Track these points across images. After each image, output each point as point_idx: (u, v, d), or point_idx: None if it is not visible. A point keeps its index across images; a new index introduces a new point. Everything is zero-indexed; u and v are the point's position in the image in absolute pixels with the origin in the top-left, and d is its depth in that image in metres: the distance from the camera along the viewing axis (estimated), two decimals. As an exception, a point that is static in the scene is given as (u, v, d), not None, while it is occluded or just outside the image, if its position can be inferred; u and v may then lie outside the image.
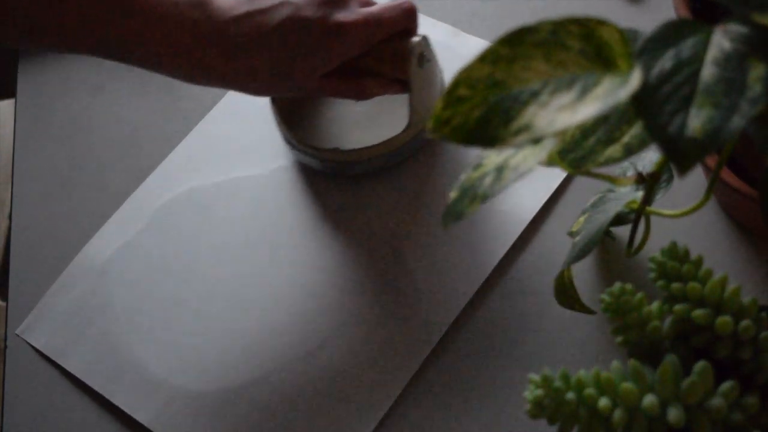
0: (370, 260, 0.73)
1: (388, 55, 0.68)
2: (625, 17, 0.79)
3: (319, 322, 0.71)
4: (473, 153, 0.75)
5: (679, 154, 0.39)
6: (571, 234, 0.65)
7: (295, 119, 0.76)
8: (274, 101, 0.75)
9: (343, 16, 0.65)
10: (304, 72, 0.65)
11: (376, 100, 0.76)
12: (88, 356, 0.72)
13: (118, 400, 0.70)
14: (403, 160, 0.75)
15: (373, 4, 0.69)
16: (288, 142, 0.75)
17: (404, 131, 0.72)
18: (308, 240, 0.74)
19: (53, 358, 0.72)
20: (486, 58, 0.42)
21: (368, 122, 0.76)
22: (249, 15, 0.64)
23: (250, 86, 0.66)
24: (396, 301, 0.70)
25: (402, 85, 0.70)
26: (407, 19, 0.68)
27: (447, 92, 0.42)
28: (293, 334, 0.70)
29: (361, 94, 0.69)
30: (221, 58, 0.64)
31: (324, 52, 0.65)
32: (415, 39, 0.68)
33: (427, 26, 0.83)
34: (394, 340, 0.69)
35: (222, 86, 0.66)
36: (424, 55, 0.69)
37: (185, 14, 0.62)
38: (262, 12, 0.64)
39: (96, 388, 0.71)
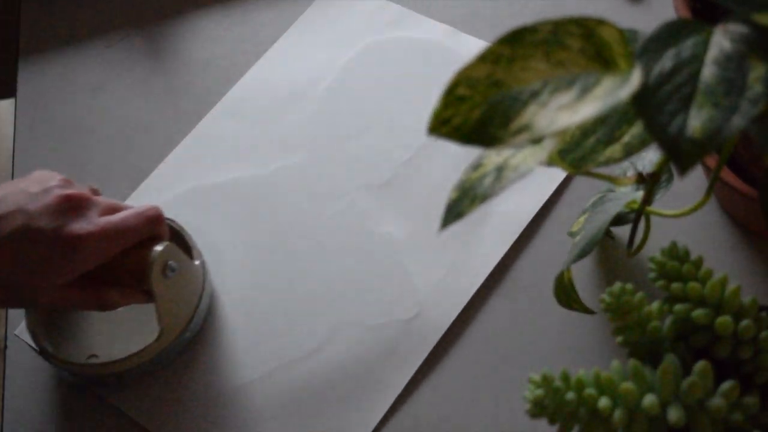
0: (371, 261, 0.73)
1: (131, 265, 0.65)
2: (625, 17, 0.79)
3: (319, 323, 0.70)
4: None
5: (680, 154, 0.39)
6: (571, 234, 0.65)
7: (52, 328, 0.71)
8: (27, 311, 0.70)
9: (78, 227, 0.62)
10: (37, 285, 0.62)
11: (137, 306, 0.70)
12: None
13: (117, 401, 0.70)
14: (164, 368, 0.70)
15: (121, 208, 0.66)
16: (43, 355, 0.70)
17: (156, 341, 0.68)
18: (307, 241, 0.74)
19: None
20: (486, 57, 0.42)
21: (126, 329, 0.71)
22: None
23: None
24: (396, 301, 0.70)
25: (147, 294, 0.67)
26: (151, 226, 0.66)
27: (447, 92, 0.42)
28: (293, 334, 0.70)
29: (103, 306, 0.66)
30: None
31: (58, 265, 0.62)
32: (157, 249, 0.65)
33: (427, 26, 0.83)
34: (394, 340, 0.69)
35: None
36: (169, 264, 0.66)
37: None
38: None
39: (95, 388, 0.70)
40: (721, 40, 0.42)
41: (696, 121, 0.39)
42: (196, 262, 0.71)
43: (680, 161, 0.39)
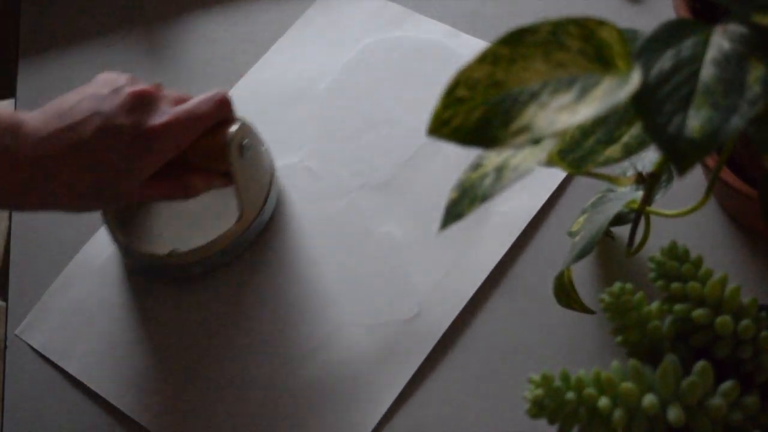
0: (371, 261, 0.73)
1: (208, 149, 0.67)
2: (625, 17, 0.79)
3: (319, 323, 0.71)
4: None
5: (679, 154, 0.39)
6: (571, 234, 0.65)
7: (129, 225, 0.74)
8: (103, 212, 0.73)
9: (154, 119, 0.64)
10: (123, 182, 0.64)
11: (211, 195, 0.73)
12: (87, 356, 0.72)
13: (117, 401, 0.70)
14: (243, 253, 0.73)
15: (187, 99, 0.68)
16: (120, 251, 0.73)
17: (236, 224, 0.70)
18: (306, 240, 0.74)
19: (53, 358, 0.72)
20: (486, 58, 0.42)
21: (204, 217, 0.73)
22: (60, 132, 0.63)
23: (72, 204, 0.65)
24: (396, 301, 0.70)
25: (227, 177, 0.69)
26: (222, 110, 0.67)
27: (446, 93, 0.42)
28: (293, 334, 0.70)
29: (188, 193, 0.68)
30: (36, 180, 0.62)
31: (140, 159, 0.64)
32: (233, 129, 0.67)
33: (427, 26, 0.83)
34: (394, 340, 0.69)
35: (44, 209, 0.64)
36: (245, 143, 0.68)
37: None
38: (73, 127, 0.63)
39: (95, 388, 0.71)
40: (721, 41, 0.42)
41: (695, 121, 0.39)
42: (263, 148, 0.73)
43: (679, 161, 0.39)
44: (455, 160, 0.76)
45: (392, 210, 0.75)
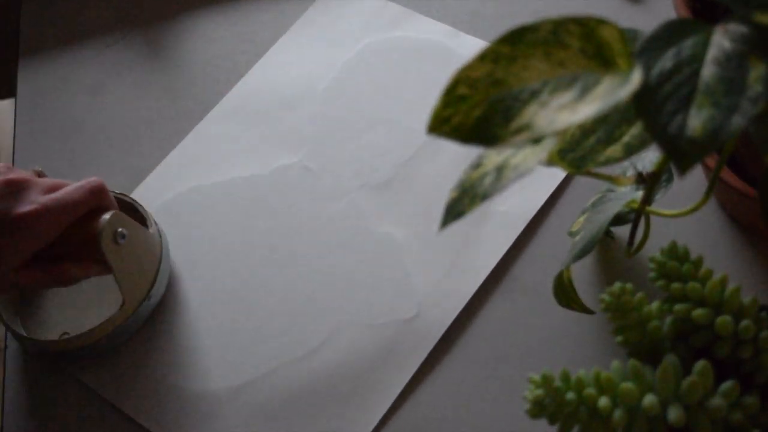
0: (371, 261, 0.73)
1: (81, 237, 0.66)
2: (625, 17, 0.79)
3: (319, 322, 0.70)
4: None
5: (679, 154, 0.39)
6: (571, 234, 0.65)
7: (20, 307, 0.73)
8: None
9: (22, 207, 0.63)
10: None
11: (100, 279, 0.71)
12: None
13: (117, 401, 0.70)
14: (131, 337, 0.71)
15: (62, 185, 0.67)
16: (15, 336, 0.71)
17: (119, 310, 0.69)
18: (306, 240, 0.74)
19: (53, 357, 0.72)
20: (486, 57, 0.42)
21: (92, 303, 0.72)
22: None
23: None
24: (396, 301, 0.70)
25: (103, 264, 0.67)
26: (95, 197, 0.66)
27: (447, 91, 0.42)
28: (293, 334, 0.70)
29: (63, 281, 0.66)
30: None
31: (9, 248, 0.63)
32: (105, 217, 0.66)
33: (427, 26, 0.83)
34: (394, 340, 0.69)
35: None
36: (119, 231, 0.66)
37: None
38: None
39: (95, 388, 0.70)
40: (721, 40, 0.42)
41: (696, 120, 0.39)
42: (150, 230, 0.72)
43: (680, 161, 0.39)
44: (455, 159, 0.75)
45: (392, 210, 0.74)
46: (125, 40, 0.88)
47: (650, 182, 0.52)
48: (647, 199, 0.53)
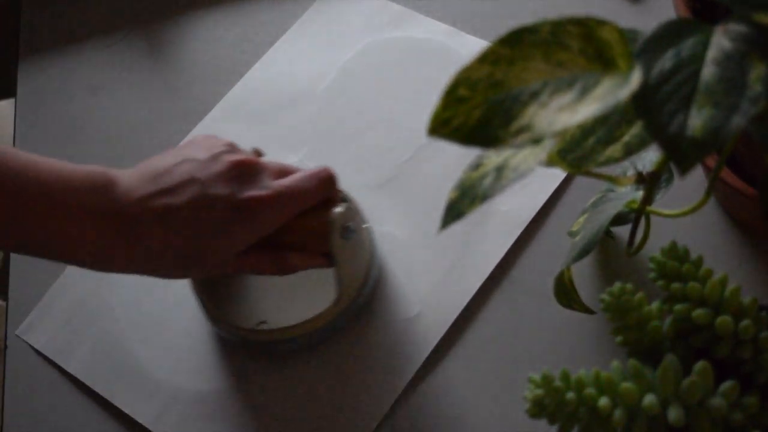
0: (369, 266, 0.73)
1: (309, 229, 0.64)
2: (625, 17, 0.79)
3: (319, 322, 0.70)
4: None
5: (680, 154, 0.39)
6: (571, 234, 0.65)
7: (217, 289, 0.71)
8: (192, 279, 0.70)
9: (253, 192, 0.61)
10: (215, 253, 0.61)
11: (307, 272, 0.68)
12: (88, 356, 0.72)
13: (117, 401, 0.70)
14: (332, 336, 0.70)
15: (290, 171, 0.65)
16: (210, 319, 0.70)
17: (333, 305, 0.67)
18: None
19: (53, 358, 0.72)
20: (486, 58, 0.42)
21: (296, 295, 0.70)
22: (153, 196, 0.60)
23: (158, 271, 0.62)
24: (396, 301, 0.70)
25: (326, 258, 0.65)
26: (325, 189, 0.64)
27: (447, 93, 0.42)
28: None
29: (284, 270, 0.64)
30: (125, 243, 0.59)
31: (234, 232, 0.61)
32: (337, 211, 0.64)
33: (427, 26, 0.83)
34: (394, 340, 0.69)
35: (130, 271, 0.61)
36: (348, 226, 0.65)
37: (85, 201, 0.59)
38: (168, 192, 0.60)
39: (96, 388, 0.71)
40: (721, 40, 0.42)
41: (696, 120, 0.39)
42: (364, 226, 0.70)
43: (680, 161, 0.39)
44: (455, 160, 0.75)
45: (393, 210, 0.75)
46: (125, 40, 0.88)
47: (650, 182, 0.52)
48: (647, 199, 0.53)
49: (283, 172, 0.64)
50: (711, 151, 0.39)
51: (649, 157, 0.63)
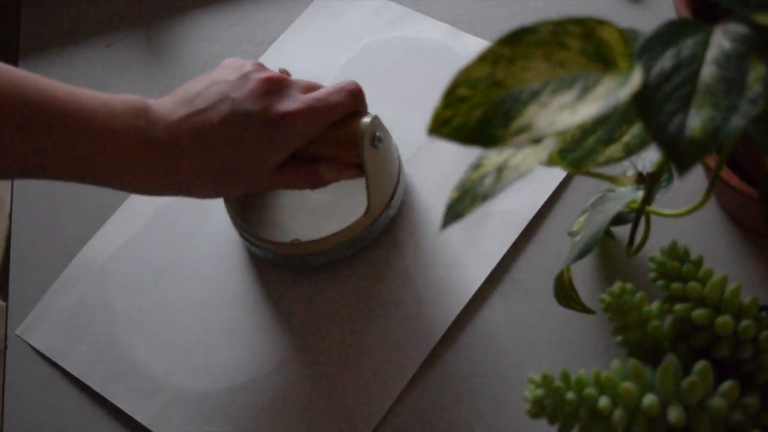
0: (371, 262, 0.73)
1: (340, 139, 0.66)
2: (625, 17, 0.79)
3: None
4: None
5: (679, 154, 0.39)
6: (571, 234, 0.65)
7: (250, 212, 0.73)
8: (225, 199, 0.72)
9: (285, 105, 0.63)
10: (251, 168, 0.63)
11: (333, 186, 0.72)
12: (88, 356, 0.72)
13: (117, 401, 0.70)
14: (365, 248, 0.72)
15: (318, 87, 0.67)
16: (244, 237, 0.72)
17: (364, 216, 0.69)
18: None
19: (53, 358, 0.72)
20: (486, 58, 0.42)
21: (327, 210, 0.73)
22: (189, 117, 0.62)
23: (199, 190, 0.64)
24: (396, 302, 0.70)
25: (357, 168, 0.68)
26: (354, 101, 0.66)
27: (447, 92, 0.42)
28: (293, 333, 0.70)
29: (316, 183, 0.66)
30: (166, 164, 0.62)
31: (269, 146, 0.63)
32: (366, 120, 0.66)
33: (427, 26, 0.83)
34: (394, 340, 0.69)
35: (170, 193, 0.63)
36: (377, 135, 0.67)
37: (125, 124, 0.61)
38: (202, 112, 0.62)
39: (96, 388, 0.71)
40: (721, 40, 0.42)
41: (695, 120, 0.39)
42: (391, 140, 0.72)
43: (680, 161, 0.39)
44: (455, 159, 0.75)
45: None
46: (125, 40, 0.88)
47: (650, 182, 0.53)
48: (647, 199, 0.53)
49: (311, 87, 0.66)
50: (710, 151, 0.39)
51: (649, 157, 0.63)
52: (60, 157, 0.59)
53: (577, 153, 0.52)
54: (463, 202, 0.47)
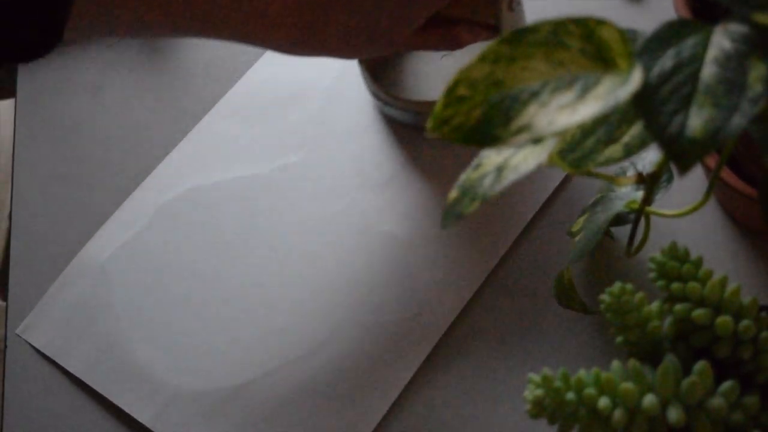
0: (372, 260, 0.73)
1: (479, 0, 0.67)
2: (625, 17, 0.79)
3: (319, 322, 0.70)
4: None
5: (679, 154, 0.39)
6: (571, 234, 0.65)
7: (386, 75, 0.75)
8: (360, 61, 0.75)
9: None
10: (396, 28, 0.63)
11: (460, 50, 0.73)
12: (88, 356, 0.72)
13: (118, 400, 0.70)
14: None
15: None
16: (381, 98, 0.74)
17: None
18: (307, 240, 0.74)
19: (53, 358, 0.72)
20: (486, 57, 0.42)
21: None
22: None
23: (343, 49, 0.64)
24: (396, 301, 0.70)
25: (492, 31, 0.69)
26: None
27: (447, 92, 0.42)
28: (293, 333, 0.70)
29: (455, 44, 0.67)
30: (313, 25, 0.61)
31: (414, 6, 0.63)
32: None
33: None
34: (394, 340, 0.69)
35: (319, 54, 0.63)
36: None
37: None
38: None
39: (96, 388, 0.71)
40: (721, 40, 0.42)
41: (696, 120, 0.39)
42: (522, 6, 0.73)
43: (680, 161, 0.39)
44: (455, 159, 0.75)
45: (393, 209, 0.75)
46: (125, 40, 0.88)
47: (650, 182, 0.52)
48: (647, 199, 0.53)
49: None
50: (710, 151, 0.39)
51: (649, 157, 0.63)
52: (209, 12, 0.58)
53: (577, 153, 0.52)
54: (463, 201, 0.47)
